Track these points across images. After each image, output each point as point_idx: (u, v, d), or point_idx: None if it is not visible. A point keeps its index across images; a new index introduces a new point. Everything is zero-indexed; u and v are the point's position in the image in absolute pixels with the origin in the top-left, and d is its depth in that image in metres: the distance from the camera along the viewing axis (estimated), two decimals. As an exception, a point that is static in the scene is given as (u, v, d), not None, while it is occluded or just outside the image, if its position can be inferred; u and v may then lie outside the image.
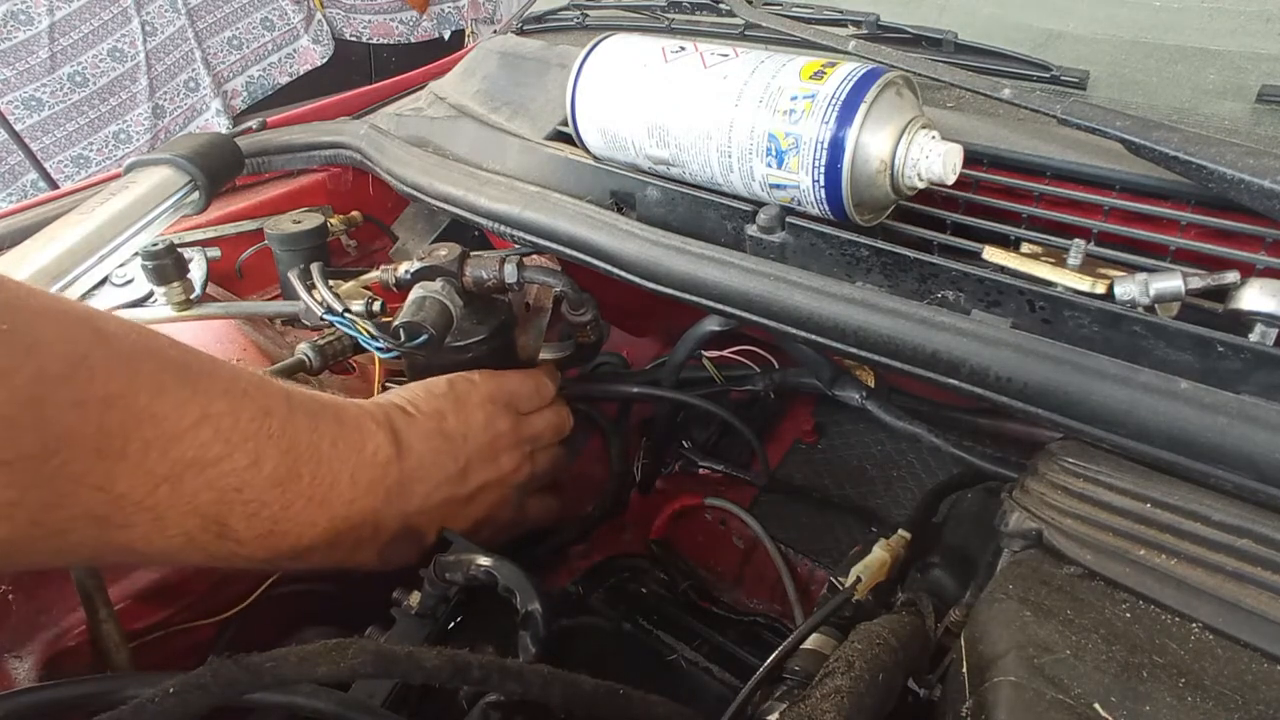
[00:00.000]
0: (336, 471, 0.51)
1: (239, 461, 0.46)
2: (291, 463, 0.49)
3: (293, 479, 0.49)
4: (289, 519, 0.49)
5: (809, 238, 0.57)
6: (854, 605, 0.55)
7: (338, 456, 0.52)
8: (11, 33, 2.57)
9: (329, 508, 0.51)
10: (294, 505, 0.49)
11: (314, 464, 0.50)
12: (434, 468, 0.58)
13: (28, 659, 0.55)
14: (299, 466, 0.49)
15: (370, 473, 0.54)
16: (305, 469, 0.50)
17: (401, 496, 0.56)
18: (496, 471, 0.63)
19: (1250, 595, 0.38)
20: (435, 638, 0.58)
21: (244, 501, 0.47)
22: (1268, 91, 0.57)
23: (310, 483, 0.50)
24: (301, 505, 0.50)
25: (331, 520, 0.51)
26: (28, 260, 0.63)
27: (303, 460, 0.50)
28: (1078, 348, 0.46)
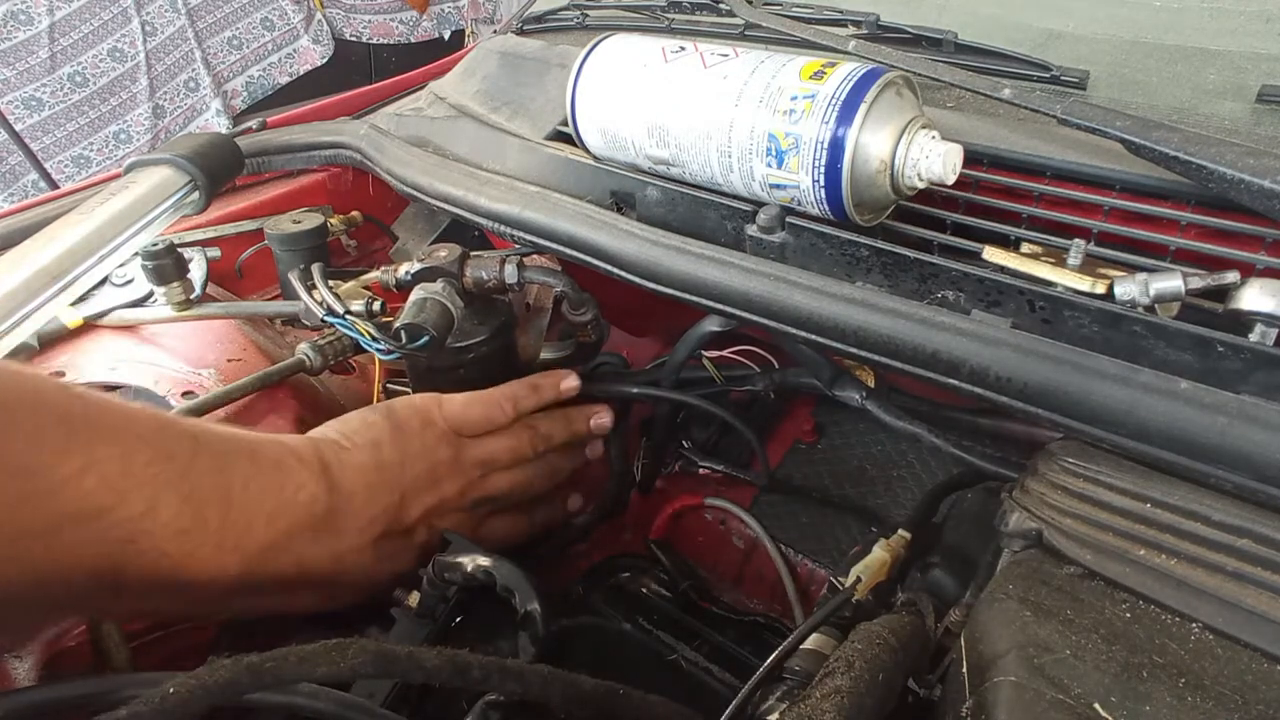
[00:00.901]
0: (250, 514, 0.49)
1: (131, 510, 0.43)
2: (195, 509, 0.46)
3: (197, 526, 0.46)
4: (194, 568, 0.46)
5: (809, 238, 0.57)
6: (854, 605, 0.55)
7: (251, 499, 0.49)
8: (11, 33, 2.57)
9: (241, 552, 0.48)
10: (199, 553, 0.46)
11: (223, 508, 0.47)
12: (368, 502, 0.55)
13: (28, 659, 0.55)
14: (204, 511, 0.46)
15: (292, 513, 0.51)
16: (212, 514, 0.47)
17: (331, 534, 0.53)
18: (437, 498, 0.60)
19: (1250, 595, 0.38)
20: (435, 638, 0.58)
21: (139, 552, 0.44)
22: (1268, 91, 0.57)
23: (219, 528, 0.47)
24: (209, 552, 0.47)
25: (246, 565, 0.48)
26: (28, 260, 0.63)
27: (209, 504, 0.47)
28: (1078, 348, 0.46)
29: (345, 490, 0.54)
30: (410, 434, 0.59)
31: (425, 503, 0.59)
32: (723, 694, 0.61)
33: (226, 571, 0.48)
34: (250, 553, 0.49)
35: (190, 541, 0.46)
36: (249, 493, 0.49)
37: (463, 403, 0.64)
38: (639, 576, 0.74)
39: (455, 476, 0.61)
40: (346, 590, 0.56)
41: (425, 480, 0.59)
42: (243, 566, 0.48)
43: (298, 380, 0.74)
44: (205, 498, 0.47)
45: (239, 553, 0.48)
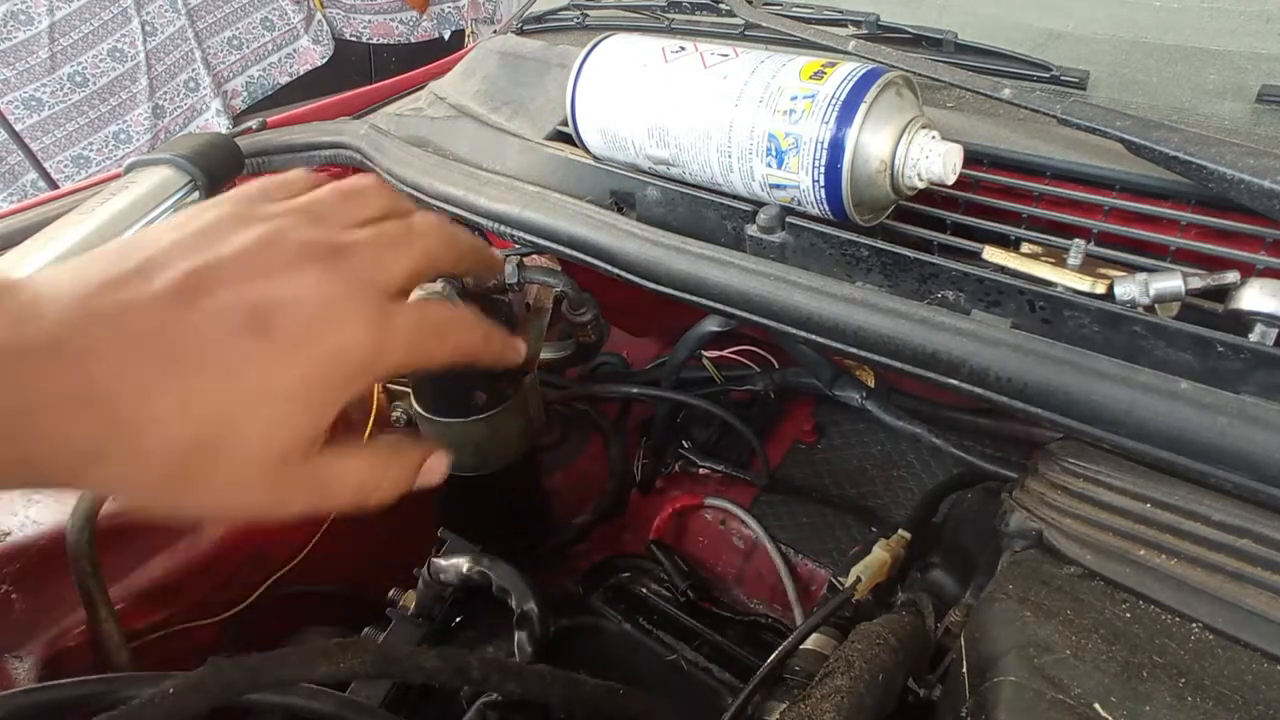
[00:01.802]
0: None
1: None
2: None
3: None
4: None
5: (809, 238, 0.57)
6: (854, 605, 0.55)
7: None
8: (11, 33, 2.57)
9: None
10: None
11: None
12: (72, 280, 0.36)
13: (28, 659, 0.55)
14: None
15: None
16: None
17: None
18: (235, 246, 0.37)
19: (1250, 595, 0.38)
20: (433, 638, 0.58)
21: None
22: (1268, 91, 0.57)
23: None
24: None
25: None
26: (28, 260, 0.63)
27: None
28: (1078, 348, 0.46)
29: (33, 283, 0.37)
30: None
31: (206, 256, 0.38)
32: (723, 694, 0.61)
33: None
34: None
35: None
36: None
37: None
38: (639, 577, 0.74)
39: (264, 221, 0.40)
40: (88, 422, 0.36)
41: (207, 233, 0.40)
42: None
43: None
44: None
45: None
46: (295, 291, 0.37)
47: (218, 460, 0.36)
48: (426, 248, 0.43)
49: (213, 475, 0.36)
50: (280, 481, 0.38)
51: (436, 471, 0.45)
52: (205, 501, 0.37)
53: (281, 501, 0.38)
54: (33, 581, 0.58)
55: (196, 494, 0.36)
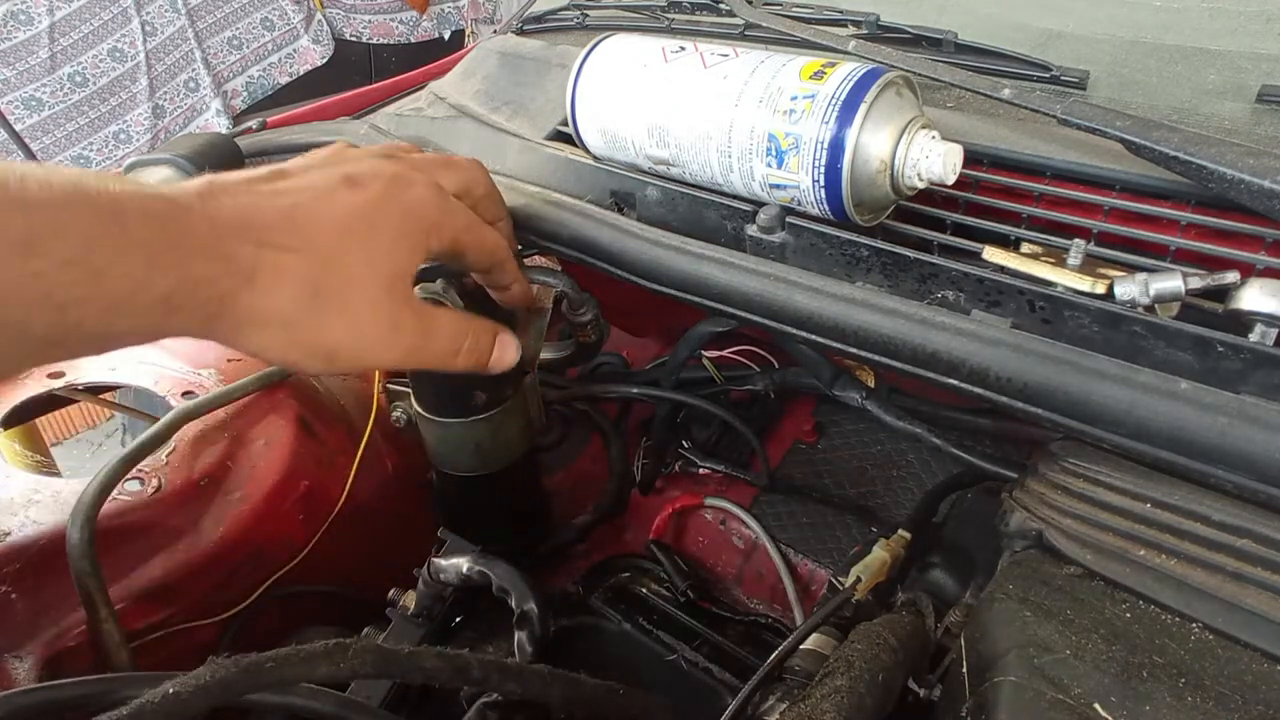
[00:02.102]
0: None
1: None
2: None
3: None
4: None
5: (809, 238, 0.57)
6: (854, 605, 0.55)
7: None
8: (11, 33, 2.57)
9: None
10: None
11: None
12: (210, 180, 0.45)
13: (28, 659, 0.55)
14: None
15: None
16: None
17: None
18: (326, 152, 0.51)
19: (1250, 595, 0.38)
20: (433, 638, 0.58)
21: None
22: (1268, 91, 0.57)
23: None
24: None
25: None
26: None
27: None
28: (1078, 348, 0.46)
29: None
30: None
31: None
32: (723, 694, 0.61)
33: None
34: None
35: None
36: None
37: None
38: (639, 577, 0.74)
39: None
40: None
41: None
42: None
43: (298, 380, 0.74)
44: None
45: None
46: (375, 167, 0.49)
47: (342, 283, 0.45)
48: (470, 172, 0.56)
49: (338, 300, 0.45)
50: (391, 312, 0.47)
51: (511, 348, 0.57)
52: (340, 328, 0.46)
53: (394, 332, 0.48)
54: (33, 581, 0.58)
55: (332, 318, 0.45)
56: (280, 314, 0.44)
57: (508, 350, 0.56)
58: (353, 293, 0.46)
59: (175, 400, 0.69)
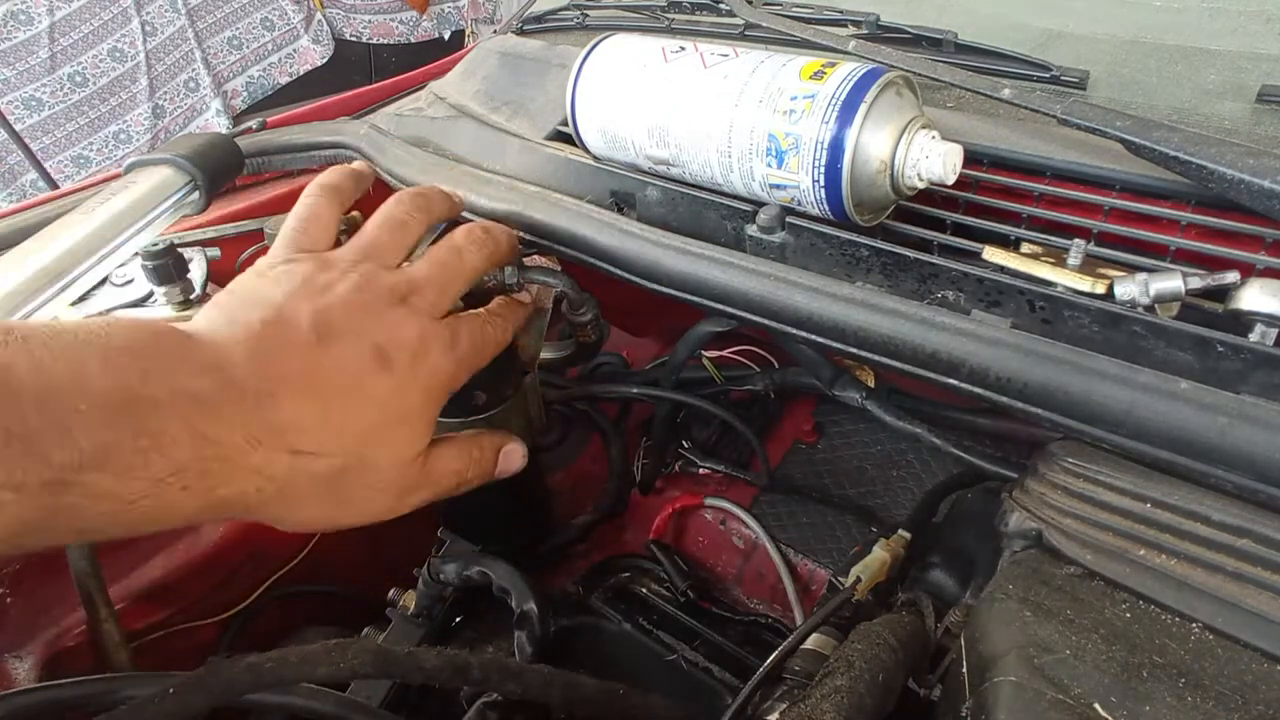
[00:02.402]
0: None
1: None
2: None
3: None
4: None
5: (809, 238, 0.57)
6: (854, 605, 0.55)
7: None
8: (11, 33, 2.57)
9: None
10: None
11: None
12: (231, 329, 0.43)
13: (28, 659, 0.55)
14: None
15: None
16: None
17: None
18: (341, 294, 0.46)
19: (1250, 595, 0.38)
20: (433, 638, 0.58)
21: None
22: (1268, 91, 0.57)
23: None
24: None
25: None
26: (28, 260, 0.63)
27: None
28: (1078, 348, 0.46)
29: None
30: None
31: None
32: (723, 694, 0.61)
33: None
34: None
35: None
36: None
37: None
38: (639, 577, 0.74)
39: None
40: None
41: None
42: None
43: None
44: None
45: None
46: (398, 331, 0.46)
47: (363, 478, 0.45)
48: (474, 265, 0.54)
49: (358, 491, 0.45)
50: (405, 485, 0.47)
51: (516, 456, 0.56)
52: (350, 515, 0.46)
53: (406, 502, 0.48)
54: (32, 581, 0.58)
55: (345, 510, 0.45)
56: (302, 516, 0.44)
57: (513, 460, 0.56)
58: (373, 483, 0.46)
59: (175, 400, 0.68)
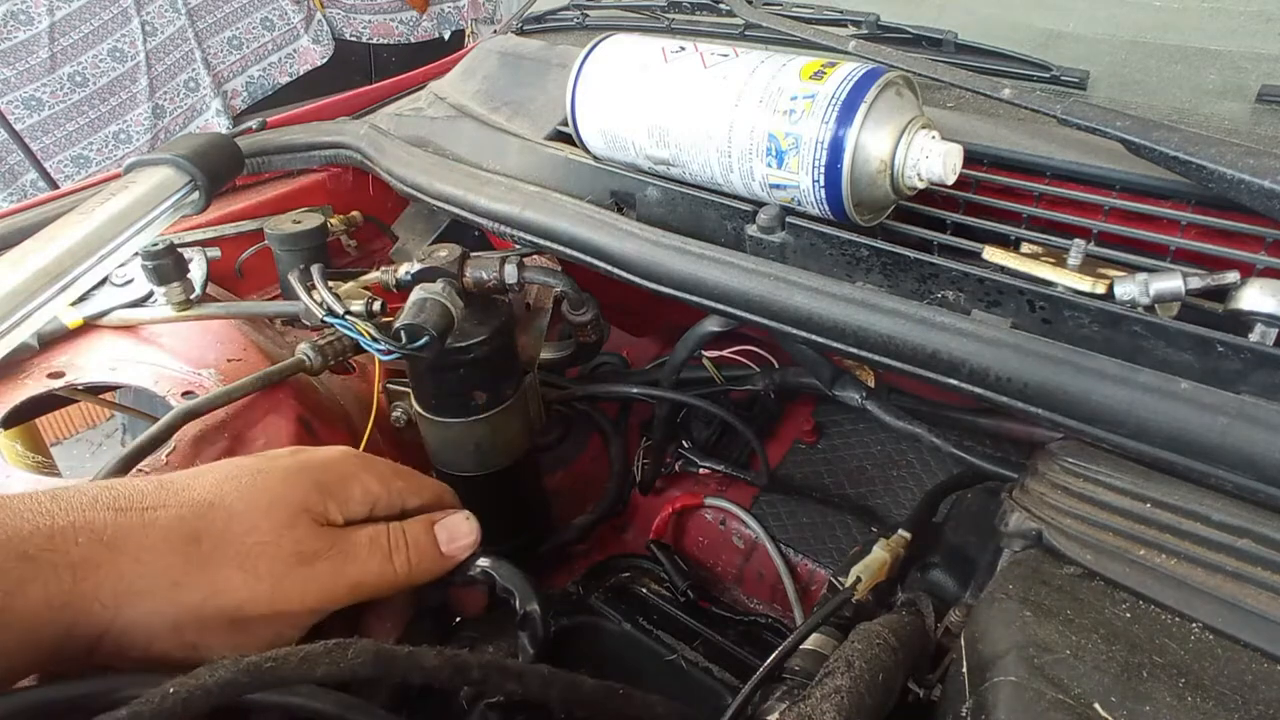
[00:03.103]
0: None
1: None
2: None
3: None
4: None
5: (809, 238, 0.57)
6: (854, 605, 0.55)
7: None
8: (11, 33, 2.57)
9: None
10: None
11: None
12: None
13: (28, 659, 0.55)
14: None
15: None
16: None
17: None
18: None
19: (1250, 595, 0.38)
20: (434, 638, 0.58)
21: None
22: (1268, 91, 0.57)
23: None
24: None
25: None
26: (28, 260, 0.63)
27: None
28: (1078, 348, 0.46)
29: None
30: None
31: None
32: (723, 694, 0.61)
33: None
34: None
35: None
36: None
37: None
38: (639, 577, 0.74)
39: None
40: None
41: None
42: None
43: (298, 380, 0.74)
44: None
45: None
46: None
47: (226, 528, 0.42)
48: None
49: (226, 545, 0.42)
50: (295, 542, 0.43)
51: (461, 528, 0.51)
52: (234, 586, 0.42)
53: (305, 565, 0.43)
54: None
55: (222, 576, 0.41)
56: (161, 574, 0.39)
57: (458, 533, 0.50)
58: (241, 534, 0.41)
59: (175, 400, 0.68)
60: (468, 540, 0.51)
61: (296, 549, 0.43)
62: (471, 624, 0.60)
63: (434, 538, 0.50)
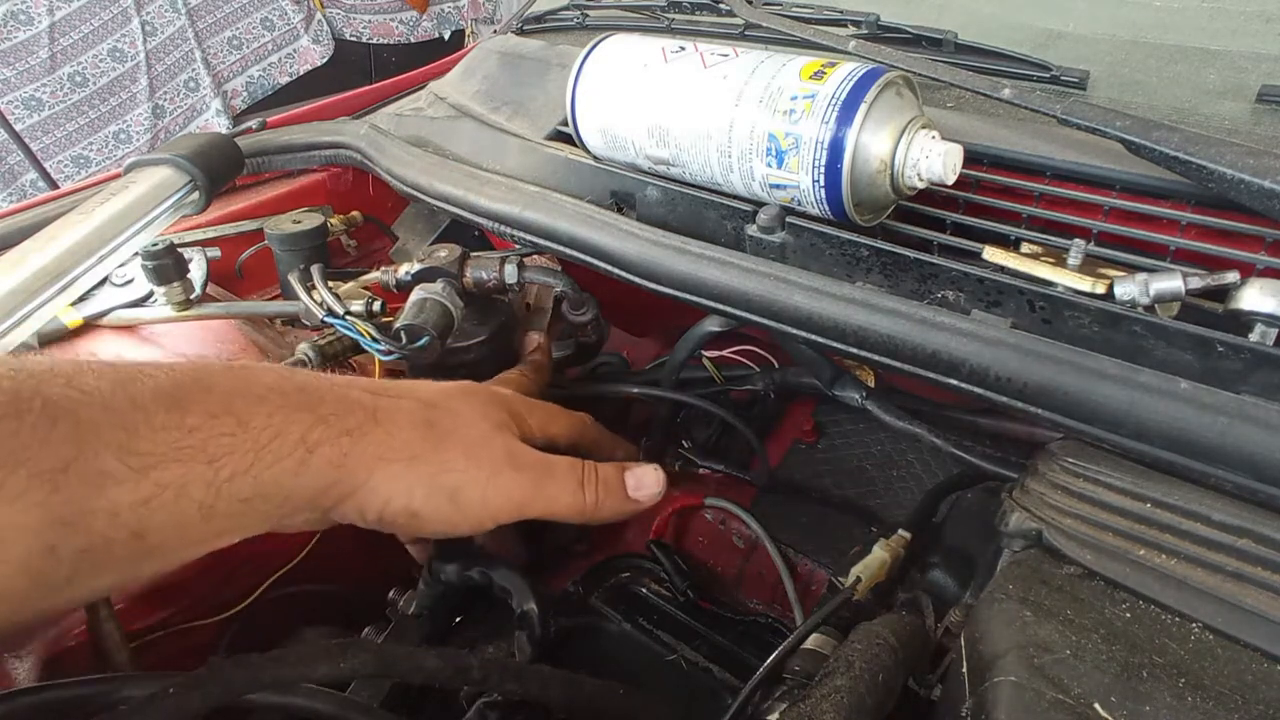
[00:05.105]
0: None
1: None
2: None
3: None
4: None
5: (809, 238, 0.57)
6: (854, 605, 0.55)
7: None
8: (11, 33, 2.57)
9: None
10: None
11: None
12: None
13: (28, 659, 0.55)
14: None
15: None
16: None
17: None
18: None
19: (1250, 595, 0.38)
20: (433, 638, 0.58)
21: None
22: (1268, 91, 0.57)
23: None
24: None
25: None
26: (28, 260, 0.63)
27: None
28: (1078, 348, 0.46)
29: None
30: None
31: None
32: (723, 694, 0.61)
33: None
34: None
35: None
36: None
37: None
38: (639, 577, 0.74)
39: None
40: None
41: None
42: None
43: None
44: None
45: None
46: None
47: (453, 422, 0.49)
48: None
49: (454, 434, 0.49)
50: (506, 447, 0.50)
51: (650, 477, 0.57)
52: (457, 469, 0.48)
53: (515, 468, 0.50)
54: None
55: (449, 458, 0.48)
56: (405, 447, 0.46)
57: (645, 482, 0.56)
58: (466, 427, 0.49)
59: (175, 400, 0.68)
60: (653, 490, 0.56)
61: (509, 450, 0.50)
62: (471, 624, 0.60)
63: (623, 481, 0.55)
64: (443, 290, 0.65)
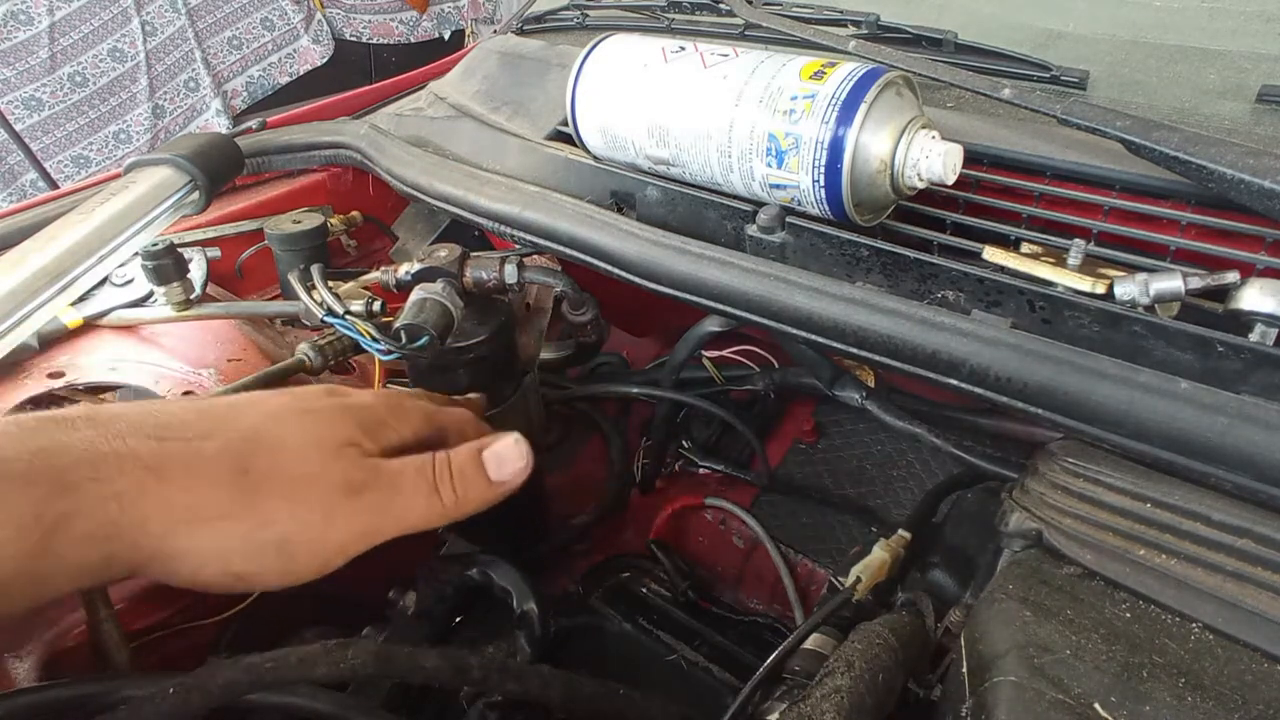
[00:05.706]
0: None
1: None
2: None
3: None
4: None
5: (809, 238, 0.57)
6: (854, 605, 0.55)
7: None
8: (11, 33, 2.57)
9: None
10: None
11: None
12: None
13: (28, 659, 0.55)
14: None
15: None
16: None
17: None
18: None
19: (1250, 595, 0.38)
20: (433, 638, 0.58)
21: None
22: (1268, 91, 0.57)
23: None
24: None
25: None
26: (28, 260, 0.63)
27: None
28: (1078, 348, 0.46)
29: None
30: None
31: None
32: (723, 694, 0.61)
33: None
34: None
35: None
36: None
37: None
38: (639, 576, 0.74)
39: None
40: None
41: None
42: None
43: (298, 380, 0.74)
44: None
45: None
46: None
47: (275, 459, 0.42)
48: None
49: (274, 476, 0.41)
50: (343, 474, 0.43)
51: (510, 450, 0.48)
52: (281, 519, 0.41)
53: (352, 497, 0.43)
54: (33, 581, 0.58)
55: (270, 507, 0.41)
56: (210, 505, 0.39)
57: (507, 458, 0.48)
58: (291, 464, 0.42)
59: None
60: (518, 465, 0.49)
61: (345, 479, 0.43)
62: (471, 624, 0.60)
63: (481, 466, 0.48)
64: (443, 290, 0.65)
